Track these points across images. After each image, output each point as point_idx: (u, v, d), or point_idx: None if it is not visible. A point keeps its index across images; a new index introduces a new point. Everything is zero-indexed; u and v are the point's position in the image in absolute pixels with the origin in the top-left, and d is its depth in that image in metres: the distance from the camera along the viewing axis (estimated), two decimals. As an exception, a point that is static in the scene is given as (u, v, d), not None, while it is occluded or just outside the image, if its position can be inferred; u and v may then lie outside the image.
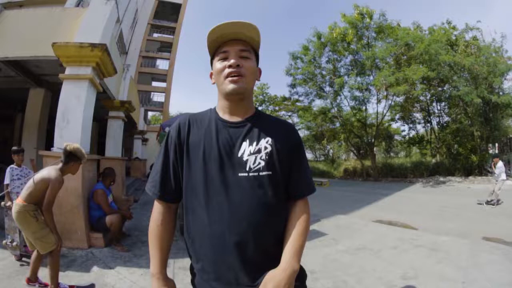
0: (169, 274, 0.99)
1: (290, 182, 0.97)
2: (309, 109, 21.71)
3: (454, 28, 16.57)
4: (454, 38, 16.01)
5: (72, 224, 3.78)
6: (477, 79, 13.95)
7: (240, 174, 0.89)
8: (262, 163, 0.91)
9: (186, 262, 1.06)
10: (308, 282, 1.03)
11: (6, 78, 5.84)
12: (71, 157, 2.64)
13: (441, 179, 14.53)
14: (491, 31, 21.69)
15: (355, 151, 23.31)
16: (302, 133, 31.02)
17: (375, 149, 21.07)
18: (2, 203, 3.26)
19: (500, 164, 8.05)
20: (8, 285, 2.67)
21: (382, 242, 4.52)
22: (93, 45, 4.15)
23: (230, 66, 0.91)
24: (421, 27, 17.47)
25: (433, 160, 18.47)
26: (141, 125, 16.48)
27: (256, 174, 0.90)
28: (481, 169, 14.86)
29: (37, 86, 6.57)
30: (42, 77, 6.32)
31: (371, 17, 16.27)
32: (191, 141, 0.95)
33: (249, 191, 0.89)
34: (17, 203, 2.50)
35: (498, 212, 6.40)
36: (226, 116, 0.98)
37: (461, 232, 4.91)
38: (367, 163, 20.64)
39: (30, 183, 2.53)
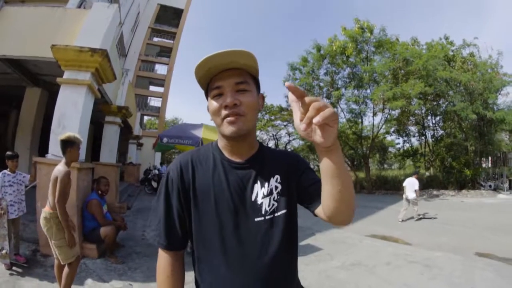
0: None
1: (306, 187, 0.89)
2: (305, 120, 21.81)
3: (451, 43, 16.90)
4: (451, 54, 16.30)
5: (64, 234, 3.66)
6: (473, 95, 14.22)
7: (256, 219, 0.85)
8: (276, 204, 0.87)
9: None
10: None
11: (2, 74, 5.73)
12: (66, 144, 2.70)
13: (435, 192, 14.62)
14: (488, 47, 22.21)
15: (349, 163, 23.39)
16: (297, 143, 31.24)
17: (369, 160, 21.19)
18: None
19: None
20: None
21: (377, 258, 4.53)
22: (93, 50, 4.08)
23: (226, 107, 0.80)
24: (419, 42, 17.81)
25: (427, 173, 18.58)
26: (136, 130, 16.32)
27: (271, 216, 0.86)
28: (474, 183, 14.99)
29: (34, 85, 6.47)
30: (40, 76, 6.23)
31: (371, 32, 16.50)
32: (198, 186, 0.87)
33: (268, 235, 0.84)
34: (45, 210, 2.60)
35: (489, 227, 6.44)
36: (230, 155, 0.91)
37: (453, 247, 4.96)
38: (361, 175, 20.73)
39: (49, 189, 2.62)
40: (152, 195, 12.12)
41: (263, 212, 0.85)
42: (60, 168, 2.63)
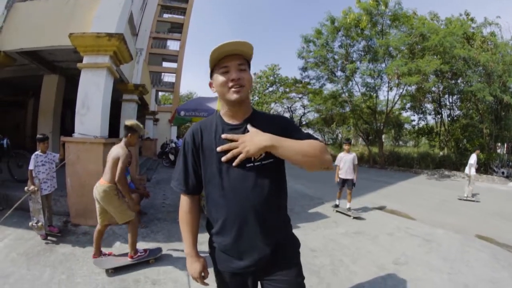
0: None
1: None
2: (319, 93, 21.57)
3: (472, 20, 15.93)
4: (471, 31, 15.41)
5: (93, 203, 4.07)
6: (491, 76, 13.57)
7: (247, 165, 1.15)
8: (264, 154, 1.14)
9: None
10: (308, 259, 1.35)
11: (20, 66, 6.01)
12: (129, 130, 3.08)
13: (446, 172, 14.50)
14: (511, 28, 20.60)
15: (363, 137, 23.28)
16: (312, 115, 31.13)
17: (383, 136, 20.99)
18: (26, 187, 3.45)
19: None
20: (37, 261, 3.01)
21: (380, 229, 4.78)
22: (110, 35, 4.31)
23: (233, 80, 1.11)
24: (438, 17, 16.82)
25: (441, 153, 18.34)
26: (152, 106, 16.78)
27: (259, 163, 1.16)
28: (487, 167, 14.64)
29: (51, 73, 6.78)
30: (56, 63, 6.49)
31: (386, 5, 15.68)
32: (205, 145, 1.20)
33: (257, 177, 1.15)
34: (102, 184, 2.96)
35: (496, 213, 6.46)
36: (229, 119, 1.22)
37: (456, 227, 5.05)
38: (375, 149, 20.66)
39: (106, 167, 2.99)
40: (169, 168, 12.76)
41: (252, 159, 1.14)
42: (120, 150, 2.98)
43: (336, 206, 5.90)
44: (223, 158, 1.09)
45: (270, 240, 1.17)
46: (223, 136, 1.12)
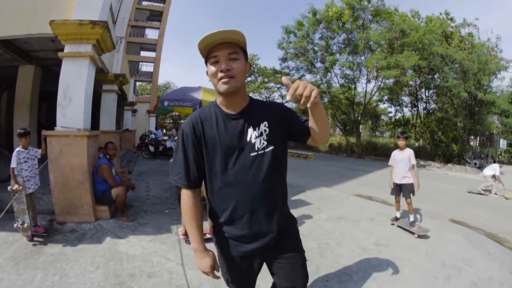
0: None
1: (298, 128, 1.24)
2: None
3: (451, 20, 16.59)
4: (450, 30, 16.10)
5: (79, 199, 4.00)
6: (467, 74, 14.30)
7: (251, 154, 1.18)
8: (265, 143, 1.19)
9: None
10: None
11: None
12: None
13: (422, 162, 15.23)
14: (488, 30, 21.64)
15: (341, 127, 23.92)
16: (290, 105, 31.40)
17: (360, 127, 21.69)
18: (9, 187, 3.25)
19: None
20: (27, 264, 2.84)
21: (361, 214, 5.06)
22: (93, 23, 4.09)
23: (221, 71, 1.09)
24: (419, 14, 17.38)
25: (416, 144, 19.24)
26: (131, 97, 16.27)
27: (263, 151, 1.19)
28: (460, 158, 15.61)
29: (27, 63, 6.36)
30: (32, 53, 6.10)
31: (369, 0, 16.08)
32: (207, 136, 1.19)
33: (261, 164, 1.19)
34: None
35: (468, 200, 6.93)
36: (227, 109, 1.21)
37: (432, 213, 5.38)
38: (352, 140, 21.46)
39: None
40: (149, 160, 12.54)
41: (256, 149, 1.18)
42: None
43: (396, 219, 4.57)
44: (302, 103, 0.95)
45: (277, 222, 1.24)
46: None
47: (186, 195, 1.23)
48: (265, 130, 1.20)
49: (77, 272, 2.73)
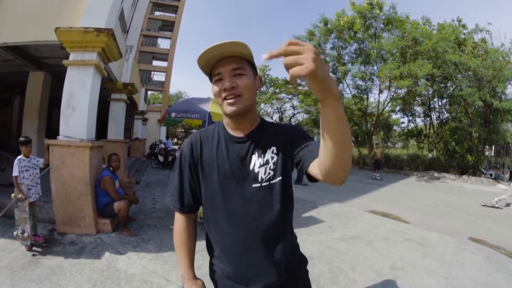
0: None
1: (301, 150, 0.97)
2: (310, 94, 21.66)
3: (464, 26, 16.22)
4: (462, 37, 15.72)
5: (80, 211, 3.86)
6: (481, 81, 13.85)
7: (253, 185, 0.99)
8: (272, 173, 1.00)
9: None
10: (307, 267, 1.18)
11: (4, 62, 5.69)
12: None
13: (436, 174, 14.72)
14: (501, 35, 21.12)
15: (353, 139, 23.47)
16: (302, 116, 31.24)
17: (373, 138, 21.26)
18: (12, 195, 3.21)
19: None
20: (22, 275, 2.72)
21: (375, 233, 4.74)
22: (98, 30, 4.04)
23: (225, 90, 0.93)
24: (431, 22, 17.07)
25: (429, 155, 18.62)
26: (141, 105, 16.39)
27: (268, 183, 1.00)
28: (476, 169, 14.96)
29: (37, 69, 6.43)
30: (42, 60, 6.18)
31: (381, 8, 15.86)
32: (205, 160, 1.04)
33: (264, 199, 1.00)
34: None
35: (485, 215, 6.57)
36: (233, 131, 1.04)
37: (449, 230, 5.09)
38: (365, 151, 20.91)
39: None
40: (158, 169, 12.43)
41: (259, 180, 1.00)
42: None
43: None
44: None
45: (279, 265, 1.02)
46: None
47: (178, 220, 1.11)
48: (272, 158, 1.01)
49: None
